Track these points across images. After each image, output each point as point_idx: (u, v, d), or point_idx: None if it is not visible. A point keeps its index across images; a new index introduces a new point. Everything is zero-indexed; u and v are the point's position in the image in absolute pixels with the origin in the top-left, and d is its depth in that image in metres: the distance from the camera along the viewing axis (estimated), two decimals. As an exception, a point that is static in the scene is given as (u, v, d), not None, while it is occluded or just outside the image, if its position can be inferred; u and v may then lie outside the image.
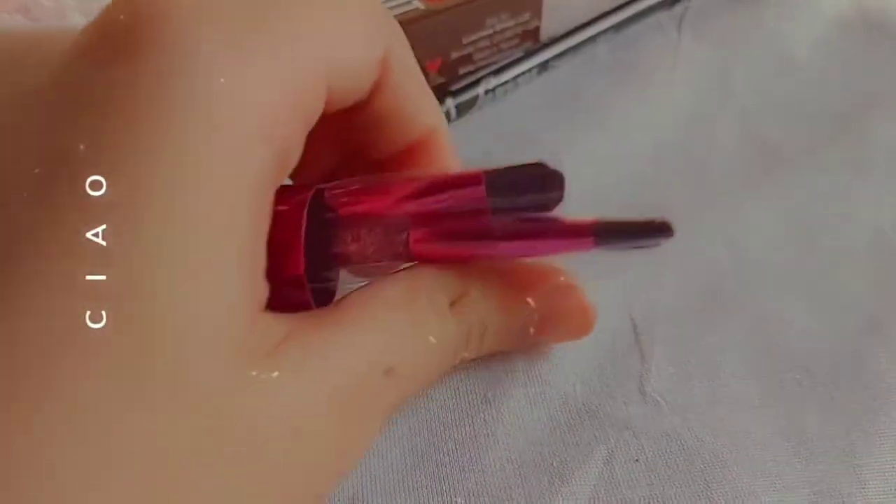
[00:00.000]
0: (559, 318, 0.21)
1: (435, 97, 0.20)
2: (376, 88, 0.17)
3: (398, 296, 0.17)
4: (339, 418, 0.15)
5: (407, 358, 0.17)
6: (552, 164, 0.17)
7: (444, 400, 0.21)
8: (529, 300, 0.20)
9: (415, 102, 0.19)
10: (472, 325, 0.19)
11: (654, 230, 0.17)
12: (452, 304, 0.18)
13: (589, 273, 0.20)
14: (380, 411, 0.17)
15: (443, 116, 0.20)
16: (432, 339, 0.17)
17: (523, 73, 0.31)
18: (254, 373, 0.13)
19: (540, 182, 0.17)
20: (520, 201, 0.17)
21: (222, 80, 0.13)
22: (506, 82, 0.31)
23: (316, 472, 0.15)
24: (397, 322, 0.17)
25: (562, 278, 0.20)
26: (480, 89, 0.30)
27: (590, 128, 0.30)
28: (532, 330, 0.20)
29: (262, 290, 0.15)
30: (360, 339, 0.16)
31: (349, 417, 0.15)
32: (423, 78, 0.19)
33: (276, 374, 0.14)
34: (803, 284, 0.24)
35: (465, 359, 0.20)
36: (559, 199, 0.17)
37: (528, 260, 0.20)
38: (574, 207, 0.17)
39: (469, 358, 0.20)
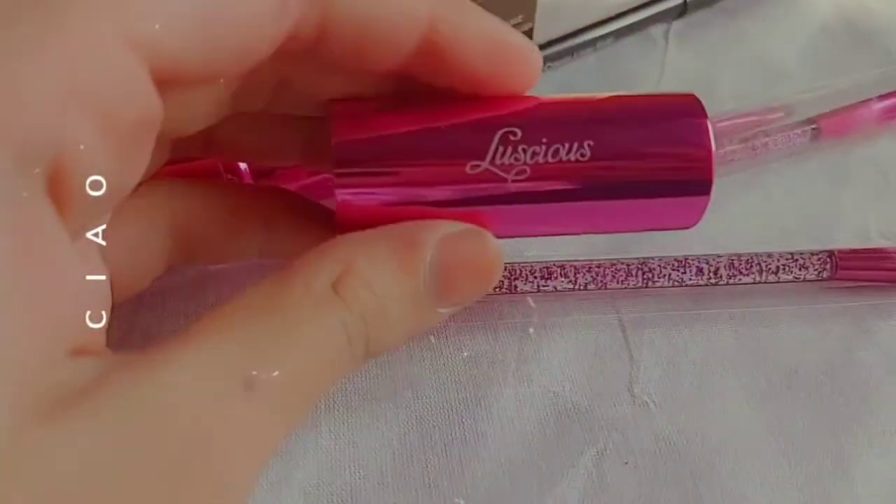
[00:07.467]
0: (457, 269, 0.16)
1: None
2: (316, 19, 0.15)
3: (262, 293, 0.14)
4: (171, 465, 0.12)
5: (274, 365, 0.13)
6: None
7: (434, 400, 0.21)
8: (426, 253, 0.16)
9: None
10: (365, 304, 0.15)
11: None
12: (334, 284, 0.15)
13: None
14: (243, 447, 0.13)
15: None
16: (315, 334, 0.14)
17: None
18: (41, 427, 0.11)
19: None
20: None
21: None
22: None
23: None
24: (257, 324, 0.14)
25: (454, 227, 0.16)
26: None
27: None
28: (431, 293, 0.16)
29: (61, 328, 0.12)
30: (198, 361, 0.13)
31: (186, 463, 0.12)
32: None
33: (68, 425, 0.11)
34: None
35: (366, 354, 0.15)
36: None
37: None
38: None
39: (373, 353, 0.15)
